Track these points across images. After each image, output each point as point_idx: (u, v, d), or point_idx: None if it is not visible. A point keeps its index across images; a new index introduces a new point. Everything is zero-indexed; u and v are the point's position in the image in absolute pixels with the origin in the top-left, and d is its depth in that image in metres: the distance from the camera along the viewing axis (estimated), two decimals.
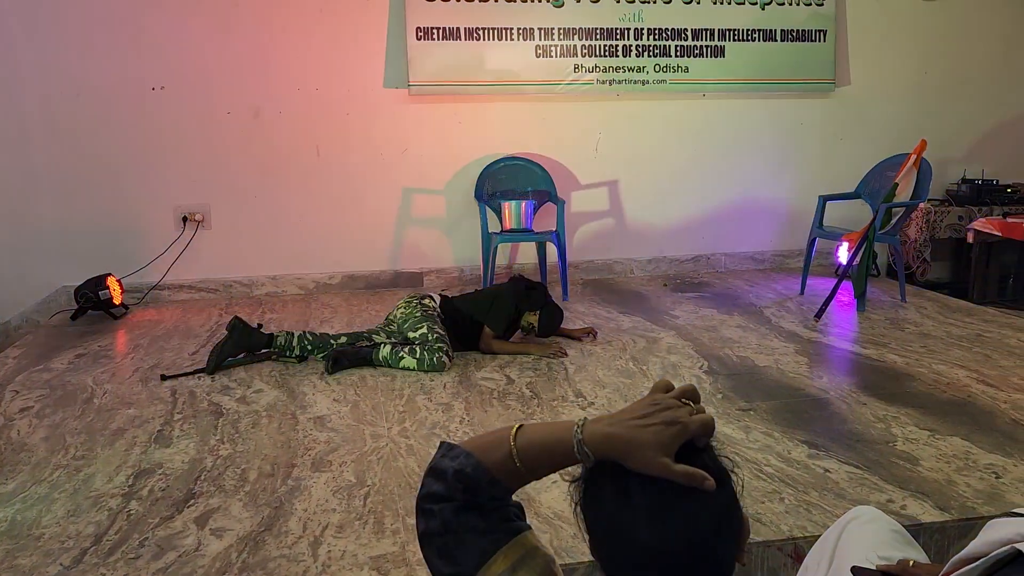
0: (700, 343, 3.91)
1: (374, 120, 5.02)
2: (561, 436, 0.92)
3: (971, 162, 5.81)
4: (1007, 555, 1.03)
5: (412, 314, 3.68)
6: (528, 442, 0.94)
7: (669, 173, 5.45)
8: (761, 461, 2.55)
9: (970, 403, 3.07)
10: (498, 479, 0.94)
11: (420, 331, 3.61)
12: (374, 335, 3.74)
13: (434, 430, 2.88)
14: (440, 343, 3.57)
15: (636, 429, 0.89)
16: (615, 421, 0.91)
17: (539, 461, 0.94)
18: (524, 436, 0.94)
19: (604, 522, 0.91)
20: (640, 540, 0.86)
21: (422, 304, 3.72)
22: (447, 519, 0.93)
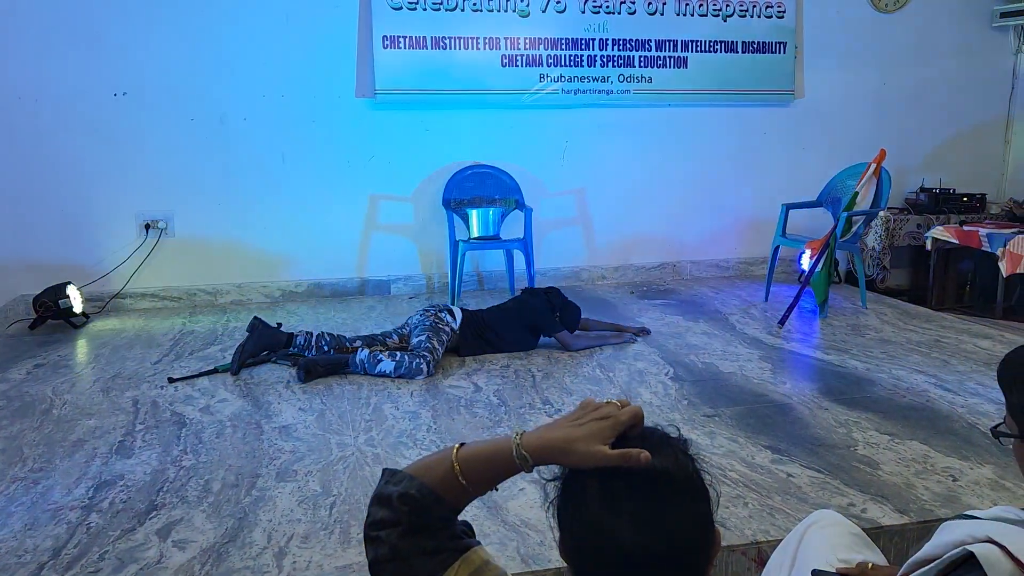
0: (666, 350, 3.94)
1: (340, 127, 5.00)
2: (500, 446, 0.95)
3: (929, 171, 5.95)
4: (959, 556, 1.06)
5: (423, 322, 3.74)
6: (469, 455, 0.96)
7: (635, 181, 5.50)
8: (726, 466, 2.58)
9: (928, 407, 3.13)
10: (443, 497, 0.95)
11: (420, 338, 3.65)
12: (387, 338, 3.79)
13: (401, 439, 2.87)
14: (428, 353, 3.57)
15: (570, 428, 0.92)
16: (550, 426, 0.95)
17: (481, 474, 0.96)
18: (465, 451, 0.97)
19: (585, 523, 0.91)
20: (621, 544, 0.87)
21: (437, 316, 3.78)
22: (395, 544, 0.94)
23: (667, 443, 0.95)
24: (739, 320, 4.52)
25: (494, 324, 3.88)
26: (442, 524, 0.96)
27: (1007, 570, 1.00)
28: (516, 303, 4.03)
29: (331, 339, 3.72)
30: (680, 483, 0.91)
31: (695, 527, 0.90)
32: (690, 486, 0.92)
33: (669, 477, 0.90)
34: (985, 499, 2.36)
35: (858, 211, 4.66)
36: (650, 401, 3.24)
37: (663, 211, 5.58)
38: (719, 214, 5.69)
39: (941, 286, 5.78)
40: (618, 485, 0.89)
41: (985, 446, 2.72)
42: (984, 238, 5.17)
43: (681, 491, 0.90)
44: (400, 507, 0.94)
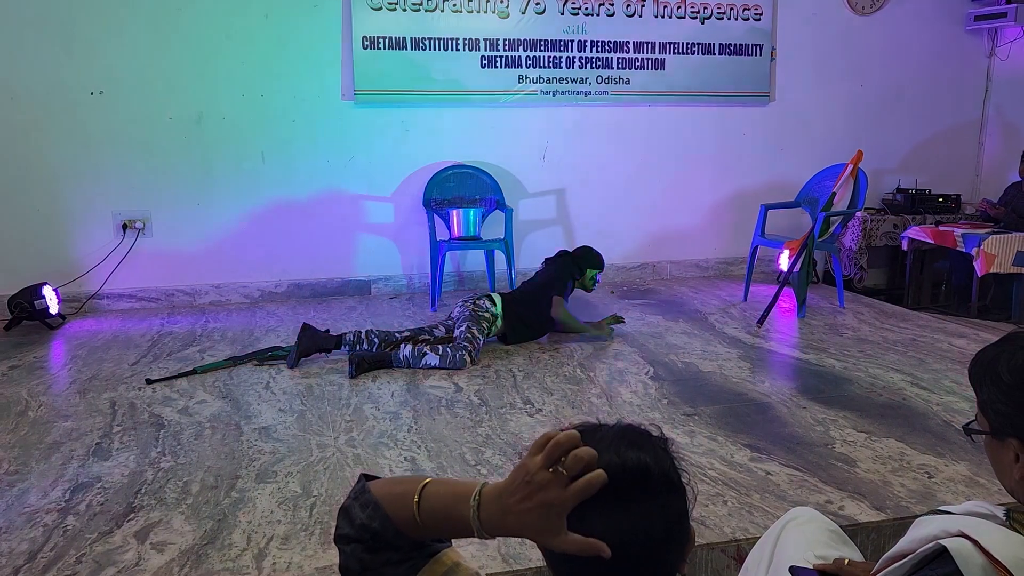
0: (646, 349, 3.96)
1: (321, 127, 4.98)
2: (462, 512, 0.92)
3: (905, 172, 6.01)
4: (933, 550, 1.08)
5: (463, 313, 3.87)
6: (429, 505, 0.94)
7: (615, 182, 5.52)
8: (705, 465, 2.60)
9: (905, 406, 3.17)
10: (403, 532, 0.95)
11: (460, 329, 3.79)
12: (434, 329, 3.92)
13: (382, 439, 2.86)
14: (467, 343, 3.70)
15: (522, 515, 0.87)
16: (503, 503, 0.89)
17: (439, 523, 0.95)
18: (427, 502, 0.94)
19: None
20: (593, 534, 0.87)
21: (476, 304, 3.91)
22: (362, 557, 0.95)
23: (646, 440, 0.96)
24: (718, 320, 4.55)
25: (533, 305, 4.04)
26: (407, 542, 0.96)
27: (979, 564, 1.02)
28: (546, 272, 4.25)
29: (380, 334, 3.82)
30: (657, 480, 0.91)
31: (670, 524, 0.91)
32: (667, 483, 0.92)
33: (647, 473, 0.90)
34: (960, 495, 2.40)
35: (835, 211, 4.71)
36: (630, 400, 3.25)
37: (643, 211, 5.61)
38: (698, 214, 5.73)
39: (917, 285, 5.85)
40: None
41: (960, 443, 2.76)
42: (959, 238, 5.24)
43: (657, 488, 0.91)
44: (362, 533, 0.95)
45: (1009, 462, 1.10)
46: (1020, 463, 1.09)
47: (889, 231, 5.79)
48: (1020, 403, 1.07)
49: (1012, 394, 1.08)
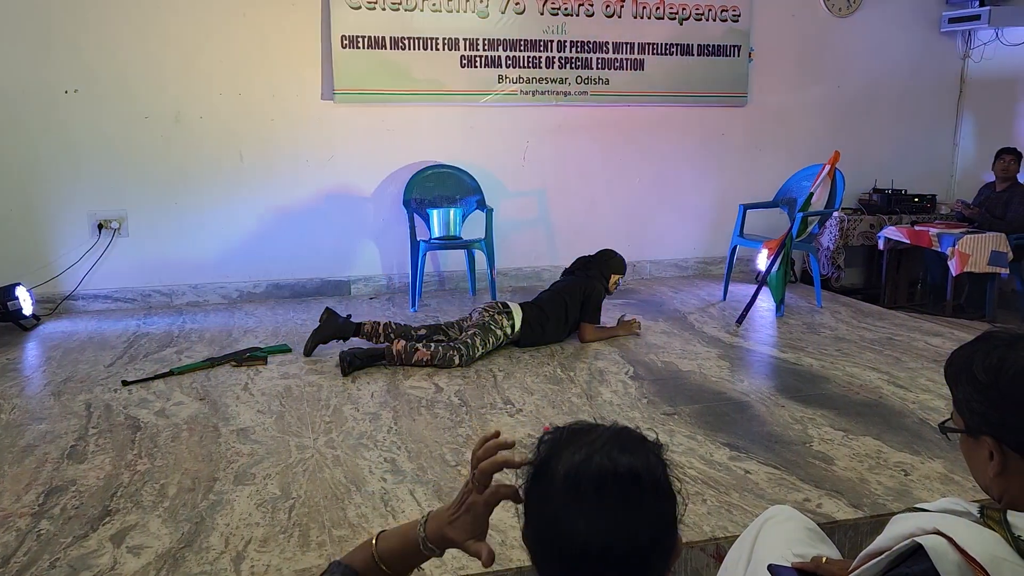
0: (626, 349, 3.97)
1: (300, 126, 4.95)
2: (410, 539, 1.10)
3: (881, 173, 6.08)
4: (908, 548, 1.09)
5: (479, 320, 3.86)
6: (385, 548, 1.11)
7: (595, 182, 5.53)
8: (685, 464, 2.61)
9: (881, 404, 3.20)
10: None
11: (467, 333, 3.79)
12: (450, 328, 3.93)
13: (361, 440, 2.85)
14: (463, 347, 3.68)
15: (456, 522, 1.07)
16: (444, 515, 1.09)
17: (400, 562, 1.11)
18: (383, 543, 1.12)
19: (547, 515, 0.92)
20: (579, 540, 0.88)
21: (494, 318, 3.86)
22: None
23: (640, 445, 0.96)
24: (698, 319, 4.57)
25: (553, 313, 4.02)
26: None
27: (953, 560, 1.03)
28: (571, 283, 4.19)
29: (397, 328, 3.84)
30: (647, 485, 0.91)
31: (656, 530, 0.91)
32: (656, 489, 0.92)
33: (637, 478, 0.90)
34: (935, 492, 2.42)
35: (813, 211, 4.75)
36: (611, 400, 3.26)
37: (623, 211, 5.62)
38: (678, 214, 5.75)
39: (893, 285, 5.92)
40: (585, 481, 0.89)
41: (936, 441, 2.79)
42: (935, 238, 5.30)
43: (647, 493, 0.91)
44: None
45: (984, 460, 1.12)
46: (995, 461, 1.10)
47: (866, 231, 5.84)
48: (994, 402, 1.08)
49: (987, 393, 1.09)
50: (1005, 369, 1.07)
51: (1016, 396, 1.06)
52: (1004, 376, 1.07)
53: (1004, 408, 1.08)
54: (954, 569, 1.02)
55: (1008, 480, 1.10)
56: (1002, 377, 1.07)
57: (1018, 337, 1.09)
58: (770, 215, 5.37)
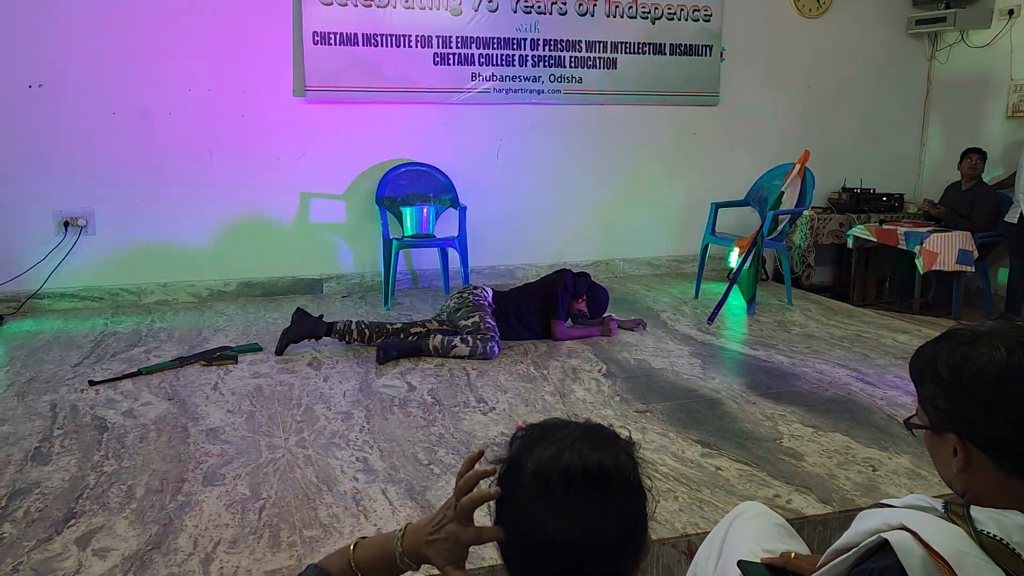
0: (599, 347, 3.98)
1: (270, 123, 4.90)
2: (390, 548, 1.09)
3: (850, 172, 6.14)
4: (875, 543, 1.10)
5: (464, 303, 3.89)
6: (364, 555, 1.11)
7: (569, 180, 5.54)
8: (657, 461, 2.62)
9: (850, 400, 3.24)
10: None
11: (472, 319, 3.81)
12: (427, 322, 3.93)
13: (333, 439, 2.83)
14: (491, 332, 3.76)
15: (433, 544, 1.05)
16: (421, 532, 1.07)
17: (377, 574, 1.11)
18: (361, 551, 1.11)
19: (516, 511, 0.91)
20: (547, 537, 0.87)
21: (474, 294, 3.93)
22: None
23: (611, 443, 0.95)
24: (670, 317, 4.59)
25: (520, 307, 4.03)
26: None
27: (918, 555, 1.05)
28: (543, 282, 4.18)
29: (370, 325, 3.87)
30: (616, 482, 0.91)
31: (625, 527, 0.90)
32: (626, 486, 0.92)
33: (606, 475, 0.90)
34: (902, 487, 2.45)
35: (784, 210, 4.79)
36: (584, 398, 3.26)
37: (596, 209, 5.64)
38: (651, 212, 5.78)
39: (862, 283, 5.99)
40: (554, 477, 0.89)
41: (903, 437, 2.82)
42: (902, 236, 5.38)
43: (616, 490, 0.91)
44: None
45: (948, 456, 1.13)
46: (959, 457, 1.11)
47: (835, 229, 5.91)
48: (958, 399, 1.10)
49: (951, 390, 1.10)
50: (968, 367, 1.08)
51: (978, 393, 1.08)
52: (967, 374, 1.08)
53: (967, 406, 1.09)
54: (919, 564, 1.03)
55: (971, 476, 1.11)
56: (965, 375, 1.08)
57: (981, 334, 1.11)
58: (741, 214, 5.41)
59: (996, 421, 1.07)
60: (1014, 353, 1.06)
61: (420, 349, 3.74)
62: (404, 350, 3.72)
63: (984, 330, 1.12)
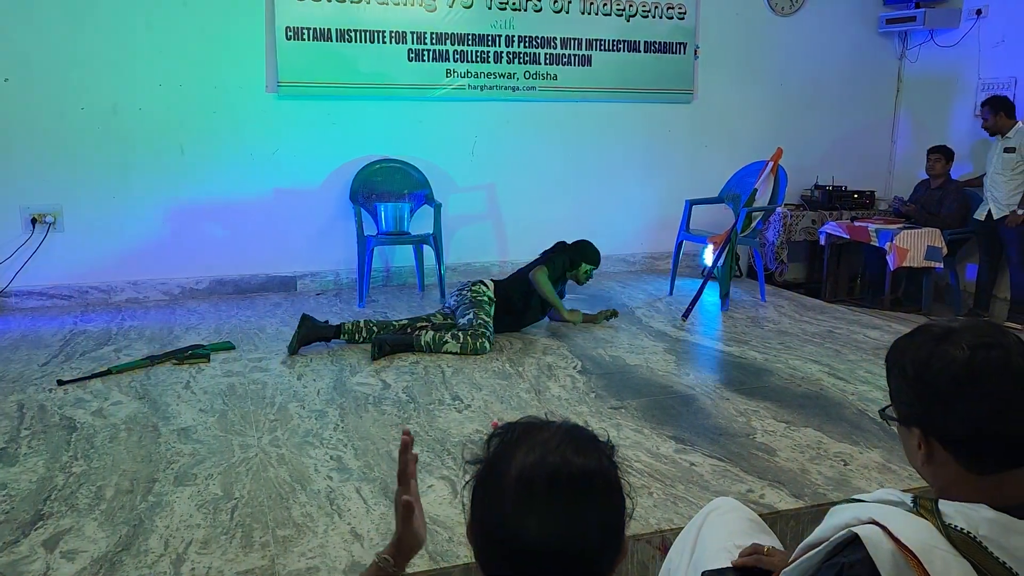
0: (574, 344, 3.99)
1: (243, 119, 4.84)
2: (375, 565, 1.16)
3: (823, 169, 6.20)
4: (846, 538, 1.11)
5: (463, 300, 3.93)
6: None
7: (544, 177, 5.54)
8: (631, 457, 2.63)
9: (822, 396, 3.27)
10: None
11: (467, 316, 3.86)
12: (432, 318, 3.98)
13: (307, 438, 2.80)
14: (483, 328, 3.78)
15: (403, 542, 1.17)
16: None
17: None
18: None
19: (497, 514, 0.91)
20: (528, 540, 0.87)
21: (472, 290, 3.96)
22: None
23: (593, 445, 0.95)
24: (645, 313, 4.61)
25: (517, 295, 4.07)
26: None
27: (887, 549, 1.06)
28: (532, 263, 4.21)
29: (378, 323, 3.89)
30: (599, 487, 0.91)
31: (604, 532, 0.91)
32: (608, 491, 0.92)
33: (590, 479, 0.90)
34: (873, 482, 2.48)
35: (757, 207, 4.83)
36: (559, 395, 3.27)
37: (572, 206, 5.64)
38: (626, 209, 5.79)
39: (834, 279, 6.05)
40: (538, 482, 0.89)
41: (874, 431, 2.86)
42: (873, 233, 5.43)
43: (598, 495, 0.91)
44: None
45: (914, 448, 1.15)
46: (922, 450, 1.13)
47: (808, 226, 5.96)
48: (920, 395, 1.11)
49: (914, 387, 1.12)
50: (930, 365, 1.10)
51: (939, 390, 1.09)
52: (929, 372, 1.10)
53: (928, 402, 1.11)
54: (888, 557, 1.05)
55: (935, 468, 1.13)
56: (927, 372, 1.10)
57: (950, 331, 1.12)
58: (715, 211, 5.44)
59: (955, 419, 1.08)
60: (976, 353, 1.07)
61: (413, 345, 3.75)
62: (398, 346, 3.74)
63: (956, 326, 1.13)
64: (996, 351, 1.08)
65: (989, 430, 1.07)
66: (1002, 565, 1.04)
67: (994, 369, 1.07)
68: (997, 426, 1.07)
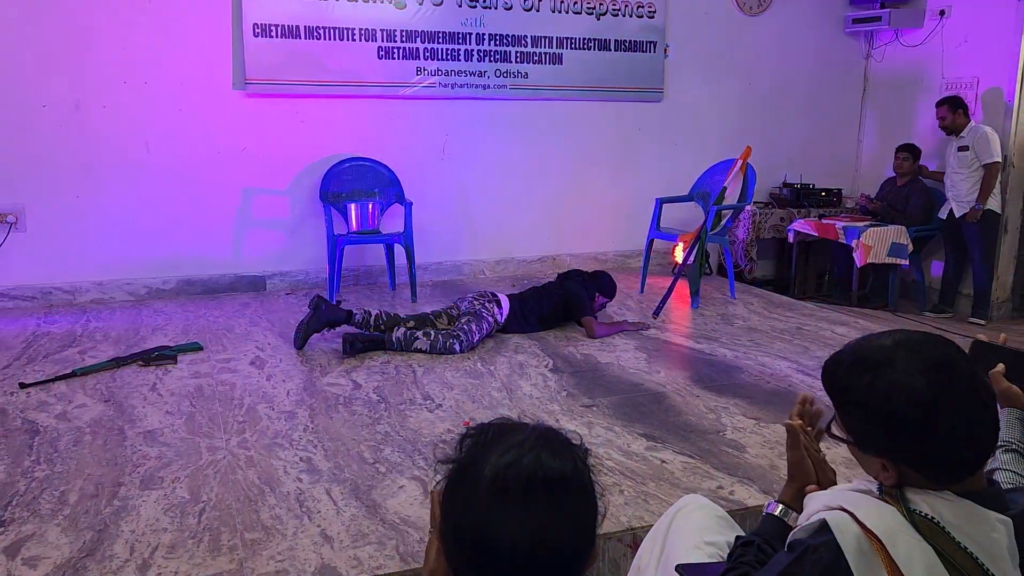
0: (546, 342, 3.99)
1: (210, 116, 4.78)
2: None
3: (791, 167, 6.27)
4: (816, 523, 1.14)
5: (470, 308, 3.95)
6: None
7: (515, 175, 5.53)
8: (603, 456, 2.63)
9: (791, 392, 3.30)
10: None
11: (461, 322, 3.87)
12: (437, 318, 3.98)
13: (277, 440, 2.78)
14: (461, 333, 3.77)
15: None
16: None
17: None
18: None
19: (471, 516, 0.90)
20: (502, 543, 0.87)
21: (484, 306, 3.96)
22: None
23: (567, 449, 0.95)
24: (616, 311, 4.63)
25: (535, 304, 4.14)
26: None
27: (853, 532, 1.10)
28: (555, 285, 4.28)
29: (388, 318, 3.86)
30: (573, 491, 0.92)
31: (578, 535, 0.91)
32: (583, 494, 0.93)
33: (565, 484, 0.91)
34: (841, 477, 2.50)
35: (726, 205, 4.87)
36: (530, 394, 3.27)
37: (543, 205, 5.64)
38: (596, 208, 5.80)
39: (803, 276, 6.12)
40: (514, 484, 0.89)
41: None
42: (840, 230, 5.50)
43: (574, 498, 0.91)
44: None
45: (877, 469, 1.16)
46: (890, 474, 1.14)
47: (776, 224, 6.03)
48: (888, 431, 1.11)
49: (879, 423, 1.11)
50: (892, 399, 1.09)
51: (907, 423, 1.09)
52: (891, 406, 1.09)
53: (897, 434, 1.11)
54: (853, 540, 1.09)
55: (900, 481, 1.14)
56: (889, 406, 1.09)
57: (889, 357, 1.11)
58: (685, 209, 5.47)
59: (926, 442, 1.09)
60: (930, 378, 1.08)
61: (384, 344, 3.75)
62: (369, 343, 3.74)
63: (889, 345, 1.13)
64: (948, 370, 1.09)
65: (961, 447, 1.09)
66: (964, 550, 1.07)
67: (955, 390, 1.08)
68: (969, 442, 1.09)
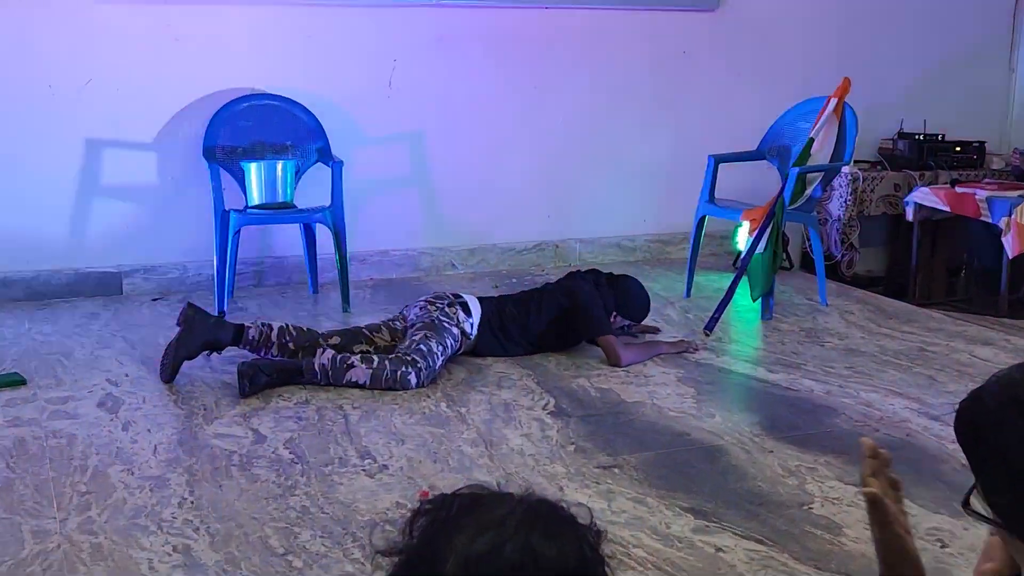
0: (544, 370, 4.00)
1: (38, 33, 4.78)
2: None
3: (910, 111, 6.29)
4: None
5: (422, 316, 3.99)
6: None
7: (497, 123, 5.55)
8: (628, 540, 2.64)
9: (909, 444, 3.32)
10: None
11: (416, 338, 3.88)
12: (375, 333, 4.05)
13: (138, 519, 2.77)
14: (417, 356, 3.77)
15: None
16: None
17: None
18: None
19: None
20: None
21: (444, 311, 4.01)
22: None
23: (570, 529, 0.95)
24: (651, 324, 4.63)
25: (522, 313, 4.16)
26: None
27: None
28: (556, 285, 4.33)
29: (297, 334, 3.94)
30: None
31: None
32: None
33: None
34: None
35: (814, 166, 4.88)
36: (521, 448, 3.27)
37: (539, 167, 5.65)
38: (620, 171, 5.81)
39: (927, 272, 6.14)
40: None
41: None
42: (983, 204, 5.51)
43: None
44: None
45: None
46: None
47: (888, 194, 6.04)
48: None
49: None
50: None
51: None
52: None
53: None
54: None
55: None
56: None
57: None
58: (753, 171, 5.49)
59: None
60: None
61: (302, 372, 3.76)
62: (278, 373, 3.74)
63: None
64: None
65: None
66: None
67: None
68: None
